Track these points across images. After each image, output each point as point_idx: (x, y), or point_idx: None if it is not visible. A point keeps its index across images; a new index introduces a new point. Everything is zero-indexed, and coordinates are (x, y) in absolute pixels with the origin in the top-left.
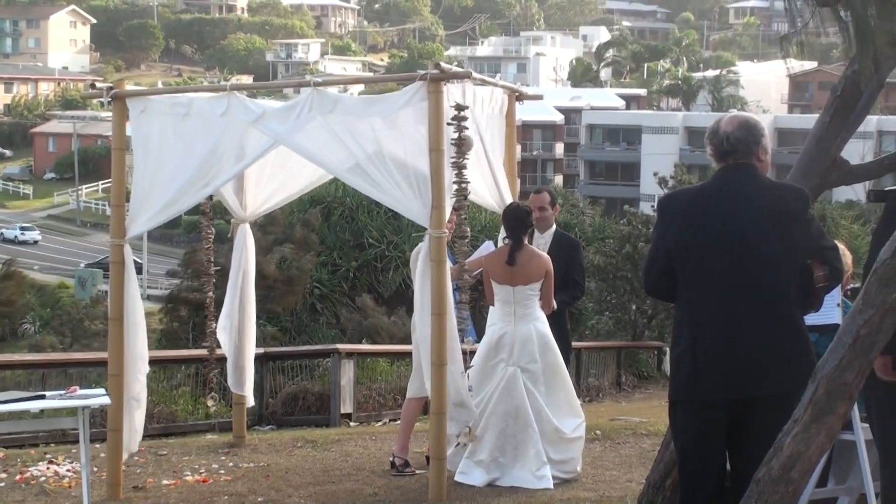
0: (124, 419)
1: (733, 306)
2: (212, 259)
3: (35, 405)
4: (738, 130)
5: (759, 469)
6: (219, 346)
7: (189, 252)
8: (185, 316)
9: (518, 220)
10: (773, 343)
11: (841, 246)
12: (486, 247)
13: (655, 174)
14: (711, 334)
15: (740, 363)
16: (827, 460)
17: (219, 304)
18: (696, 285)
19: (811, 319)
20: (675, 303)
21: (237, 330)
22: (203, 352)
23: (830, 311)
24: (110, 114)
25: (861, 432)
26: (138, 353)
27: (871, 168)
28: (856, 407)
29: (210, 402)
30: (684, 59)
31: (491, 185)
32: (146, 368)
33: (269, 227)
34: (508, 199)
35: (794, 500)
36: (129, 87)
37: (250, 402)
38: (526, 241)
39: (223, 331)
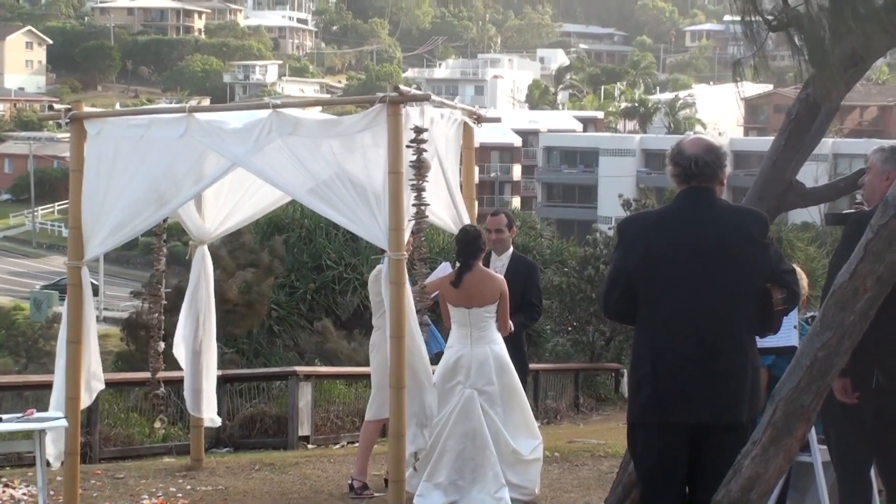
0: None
1: (693, 330)
2: (162, 281)
3: None
4: (707, 154)
5: (719, 491)
6: (170, 369)
7: (153, 274)
8: (143, 338)
9: (466, 244)
10: (732, 368)
11: (798, 269)
12: (443, 268)
13: (620, 196)
14: (671, 357)
15: (700, 387)
16: (784, 482)
17: (174, 325)
18: (655, 308)
19: (769, 342)
20: (635, 326)
21: (196, 352)
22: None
23: (788, 333)
24: (67, 135)
25: (818, 454)
26: (92, 372)
27: (826, 191)
28: (813, 429)
29: (158, 424)
30: (641, 81)
31: (449, 207)
32: (101, 386)
33: (237, 252)
34: (467, 221)
35: None
36: (86, 108)
37: (217, 422)
38: (479, 264)
39: (179, 353)
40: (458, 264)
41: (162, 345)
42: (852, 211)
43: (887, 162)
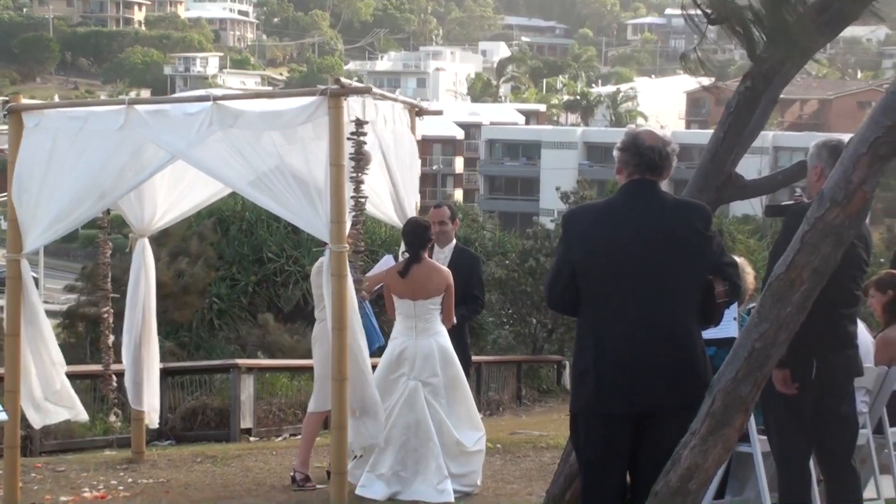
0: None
1: (636, 322)
2: (108, 274)
3: None
4: (666, 147)
5: (658, 481)
6: (117, 362)
7: (87, 266)
8: (83, 331)
9: (416, 235)
10: (674, 358)
11: (743, 263)
12: (386, 261)
13: (558, 189)
14: (615, 349)
15: (643, 378)
16: (724, 472)
17: (117, 318)
18: (599, 300)
19: (709, 333)
20: (578, 317)
21: (137, 345)
22: (99, 366)
23: (728, 324)
24: (5, 127)
25: (758, 444)
26: (54, 359)
27: (765, 183)
28: (753, 419)
29: (113, 418)
30: (583, 74)
31: (393, 200)
32: (62, 371)
33: (164, 240)
34: (410, 214)
35: None
36: (24, 100)
37: (155, 423)
38: (426, 256)
39: (125, 346)
40: (405, 255)
41: (112, 338)
42: (791, 203)
43: (814, 157)
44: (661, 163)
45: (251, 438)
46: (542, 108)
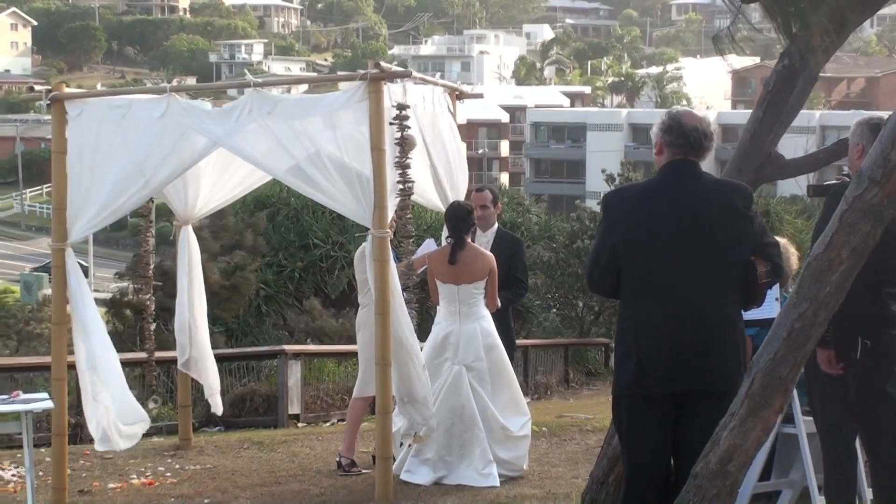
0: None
1: (677, 303)
2: (150, 262)
3: None
4: (706, 127)
5: (697, 463)
6: (160, 349)
7: (136, 255)
8: (131, 318)
9: (459, 219)
10: (714, 339)
11: (786, 244)
12: (428, 244)
13: (604, 171)
14: (656, 330)
15: (684, 359)
16: (770, 454)
17: (162, 306)
18: (641, 281)
19: (751, 314)
20: (620, 299)
21: (187, 329)
22: (144, 354)
23: (770, 305)
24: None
25: (803, 426)
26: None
27: (806, 162)
28: (797, 400)
29: (152, 405)
30: (627, 56)
31: (436, 185)
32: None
33: (221, 234)
34: (459, 198)
35: (732, 494)
36: (70, 89)
37: (218, 404)
38: (469, 240)
39: (180, 332)
40: (449, 240)
41: (154, 325)
42: (833, 182)
43: (856, 135)
44: (705, 143)
45: (299, 424)
46: (587, 90)
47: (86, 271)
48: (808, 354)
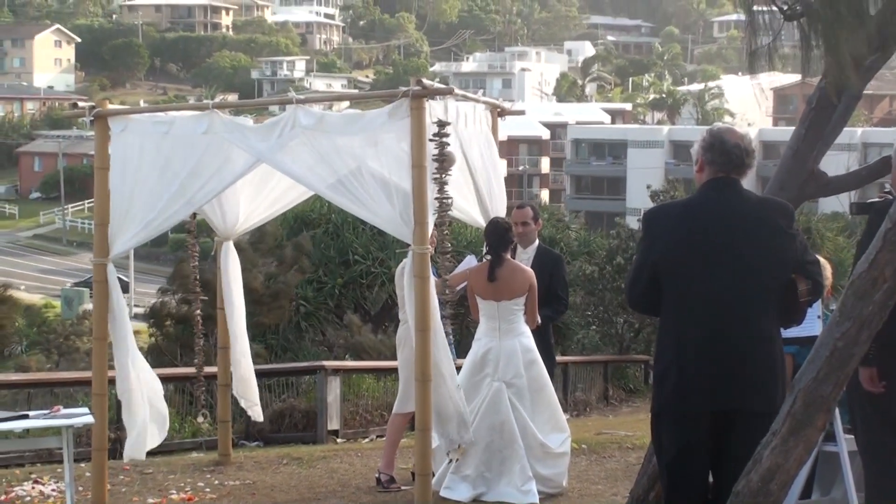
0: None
1: (718, 320)
2: (198, 277)
3: (18, 425)
4: (748, 145)
5: (739, 481)
6: (207, 364)
7: (177, 265)
8: (172, 332)
9: (498, 236)
10: (756, 358)
11: (821, 260)
12: (469, 261)
13: (649, 187)
14: (696, 347)
15: (723, 376)
16: (811, 472)
17: (206, 320)
18: (681, 299)
19: (793, 332)
20: (660, 316)
21: (229, 346)
22: (190, 369)
23: (812, 323)
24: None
25: (844, 444)
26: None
27: (848, 179)
28: (839, 418)
29: (200, 419)
30: (668, 72)
31: (476, 201)
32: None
33: (259, 245)
34: (497, 215)
35: None
36: (113, 105)
37: (258, 414)
38: (508, 256)
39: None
40: (488, 257)
41: (202, 341)
42: (877, 200)
43: None
44: (747, 160)
45: (338, 440)
46: (628, 107)
47: (126, 286)
48: (851, 373)
